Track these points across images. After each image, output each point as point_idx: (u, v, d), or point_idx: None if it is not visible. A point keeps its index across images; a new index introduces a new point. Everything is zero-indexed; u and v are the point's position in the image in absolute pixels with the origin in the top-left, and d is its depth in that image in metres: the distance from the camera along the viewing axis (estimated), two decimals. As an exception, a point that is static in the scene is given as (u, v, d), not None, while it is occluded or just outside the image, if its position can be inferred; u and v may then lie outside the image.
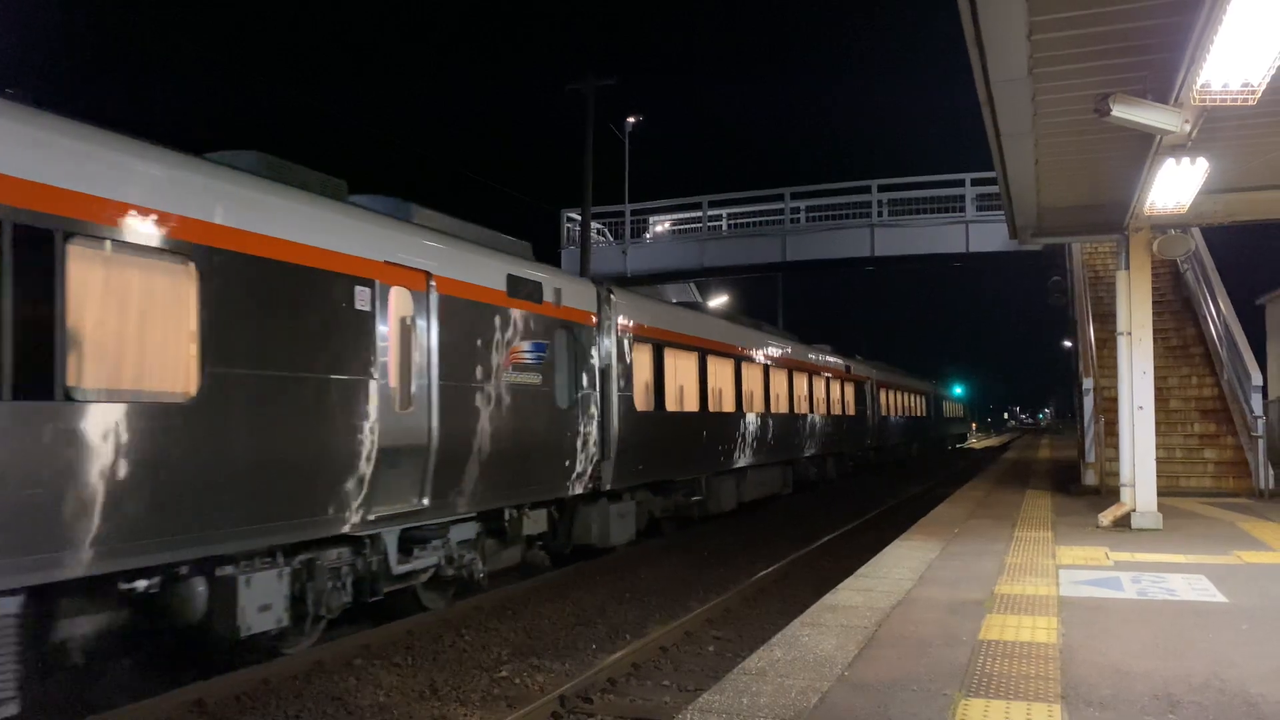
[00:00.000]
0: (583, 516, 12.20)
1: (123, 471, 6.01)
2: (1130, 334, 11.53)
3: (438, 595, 9.76)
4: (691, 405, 15.49)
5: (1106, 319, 16.72)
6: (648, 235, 29.88)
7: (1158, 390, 12.48)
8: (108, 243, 6.07)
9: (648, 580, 11.86)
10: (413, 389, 8.70)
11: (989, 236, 25.63)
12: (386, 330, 8.33)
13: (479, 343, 9.69)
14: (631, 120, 31.47)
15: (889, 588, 7.50)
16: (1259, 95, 6.23)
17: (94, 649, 6.33)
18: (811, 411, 23.35)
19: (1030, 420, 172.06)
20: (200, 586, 6.74)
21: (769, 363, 19.84)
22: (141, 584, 6.35)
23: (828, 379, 25.32)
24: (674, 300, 21.38)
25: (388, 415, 8.29)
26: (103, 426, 5.91)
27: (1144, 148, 8.61)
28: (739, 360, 17.89)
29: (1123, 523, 11.05)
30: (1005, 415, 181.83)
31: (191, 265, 6.60)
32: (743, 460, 17.83)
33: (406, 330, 8.72)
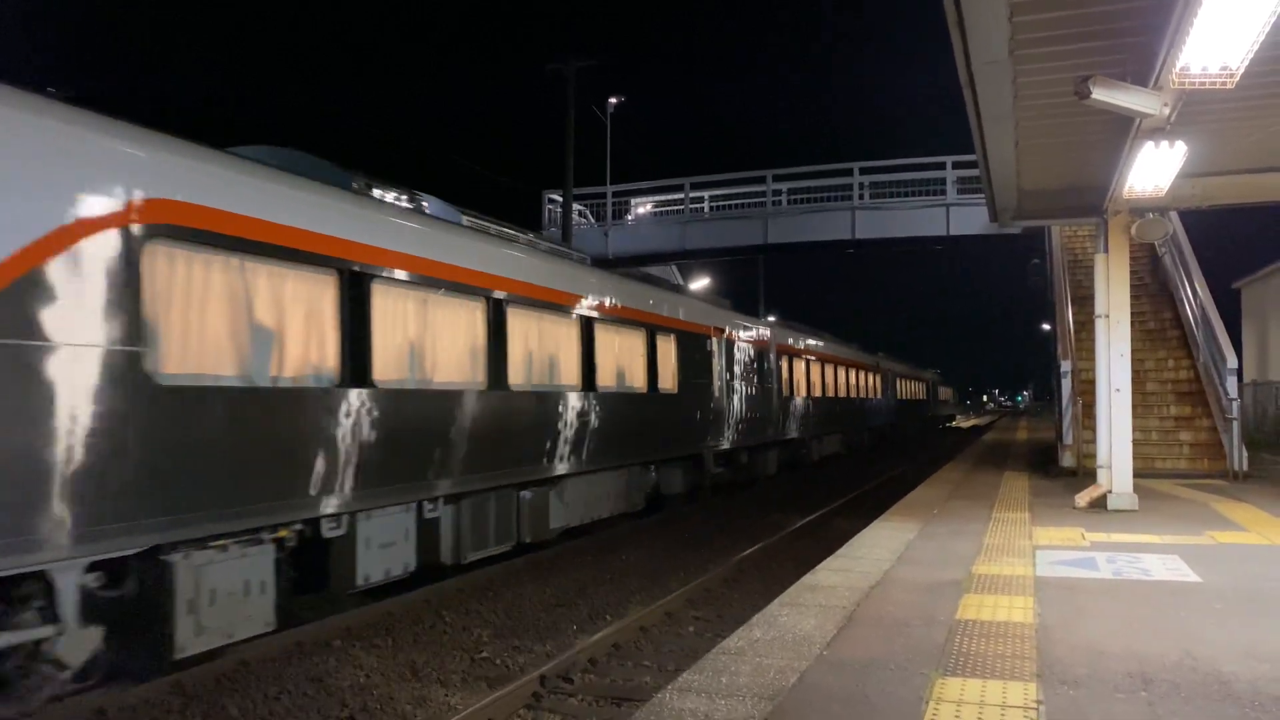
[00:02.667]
0: (758, 456, 20.40)
1: (671, 421, 15.01)
2: (1108, 317, 11.62)
3: (708, 494, 17.32)
4: (801, 393, 23.70)
5: (1085, 302, 16.80)
6: (629, 217, 29.74)
7: (1135, 373, 12.58)
8: (673, 334, 14.92)
9: (629, 561, 11.90)
10: (717, 384, 17.02)
11: (969, 219, 25.66)
12: (711, 357, 16.86)
13: (736, 360, 18.23)
14: (613, 101, 31.28)
15: (868, 568, 7.55)
16: (1237, 79, 6.24)
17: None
18: (856, 396, 31.24)
19: (1009, 402, 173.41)
20: (652, 472, 14.58)
21: (836, 362, 28.00)
22: (641, 469, 14.11)
23: (866, 372, 33.03)
24: None
25: (715, 397, 16.85)
26: (668, 402, 14.80)
27: (1123, 131, 8.64)
28: (822, 361, 26.14)
29: (1099, 504, 11.16)
30: (984, 398, 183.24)
31: (673, 337, 14.93)
32: (824, 429, 26.41)
33: (713, 356, 16.95)
